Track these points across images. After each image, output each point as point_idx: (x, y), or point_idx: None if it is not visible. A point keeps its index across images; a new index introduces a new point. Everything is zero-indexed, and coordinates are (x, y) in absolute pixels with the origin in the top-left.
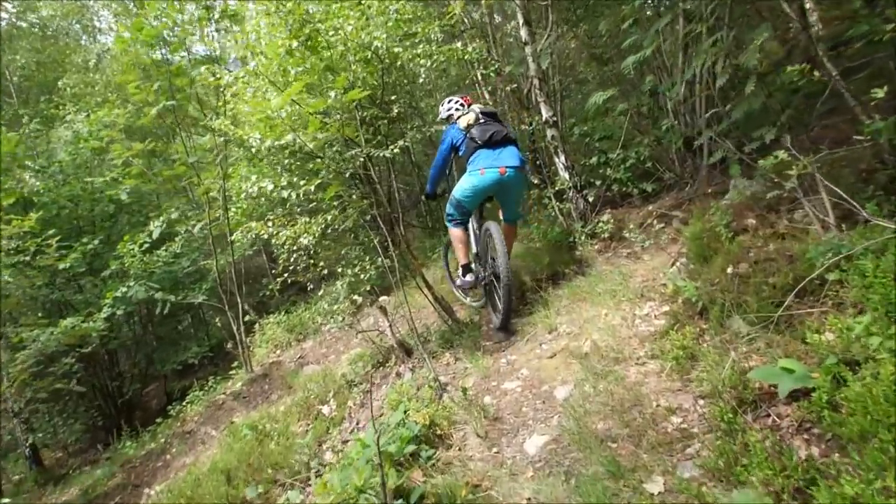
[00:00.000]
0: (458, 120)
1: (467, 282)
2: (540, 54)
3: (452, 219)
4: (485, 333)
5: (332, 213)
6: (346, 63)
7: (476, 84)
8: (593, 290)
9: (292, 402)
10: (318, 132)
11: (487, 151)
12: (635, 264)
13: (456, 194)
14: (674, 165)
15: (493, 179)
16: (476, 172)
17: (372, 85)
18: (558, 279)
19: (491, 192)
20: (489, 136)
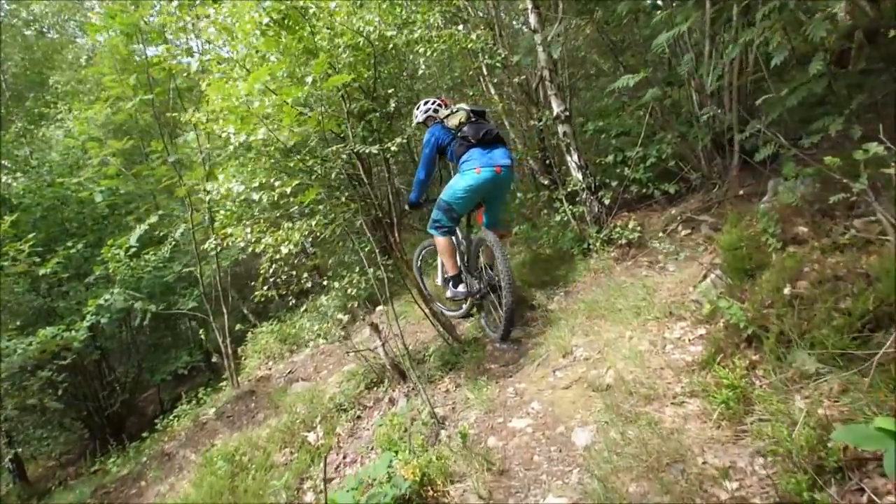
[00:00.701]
0: (446, 119)
1: (459, 293)
2: (551, 43)
3: (440, 226)
4: (489, 354)
5: (318, 218)
6: (331, 47)
7: (480, 77)
8: (613, 305)
9: (277, 425)
10: (295, 125)
11: (480, 150)
12: (659, 276)
13: (445, 197)
14: (700, 164)
15: (488, 179)
16: (471, 172)
17: (362, 74)
18: (572, 291)
19: (484, 192)
20: (483, 135)
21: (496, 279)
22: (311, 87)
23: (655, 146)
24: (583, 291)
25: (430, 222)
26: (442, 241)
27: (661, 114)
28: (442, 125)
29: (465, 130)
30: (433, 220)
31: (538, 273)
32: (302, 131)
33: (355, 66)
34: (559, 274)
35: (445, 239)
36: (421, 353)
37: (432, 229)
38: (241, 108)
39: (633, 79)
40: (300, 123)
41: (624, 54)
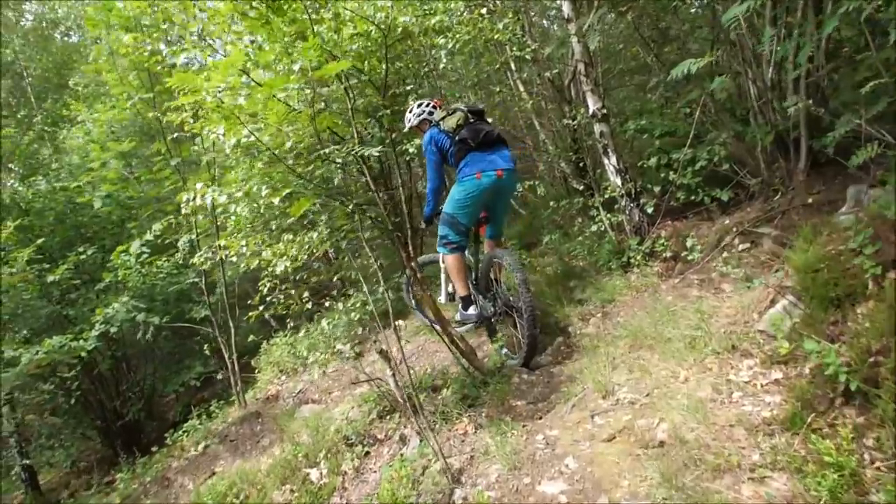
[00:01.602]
0: (443, 121)
1: (470, 316)
2: (586, 33)
3: (448, 242)
4: (515, 387)
5: (318, 231)
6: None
7: (507, 72)
8: (661, 333)
9: (279, 457)
10: (285, 124)
11: (480, 154)
12: (715, 298)
13: (448, 209)
14: (759, 168)
15: (491, 183)
16: (471, 177)
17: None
18: (610, 313)
19: (488, 199)
20: (482, 137)
21: (513, 300)
22: (299, 77)
23: (706, 147)
24: (623, 313)
25: (438, 239)
26: (451, 258)
27: (714, 110)
28: (438, 129)
29: (463, 133)
30: (440, 236)
31: (571, 289)
32: (293, 131)
33: (366, 56)
34: (595, 291)
35: (454, 256)
36: (438, 380)
37: (440, 247)
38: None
39: (696, 63)
40: (291, 121)
41: (671, 45)
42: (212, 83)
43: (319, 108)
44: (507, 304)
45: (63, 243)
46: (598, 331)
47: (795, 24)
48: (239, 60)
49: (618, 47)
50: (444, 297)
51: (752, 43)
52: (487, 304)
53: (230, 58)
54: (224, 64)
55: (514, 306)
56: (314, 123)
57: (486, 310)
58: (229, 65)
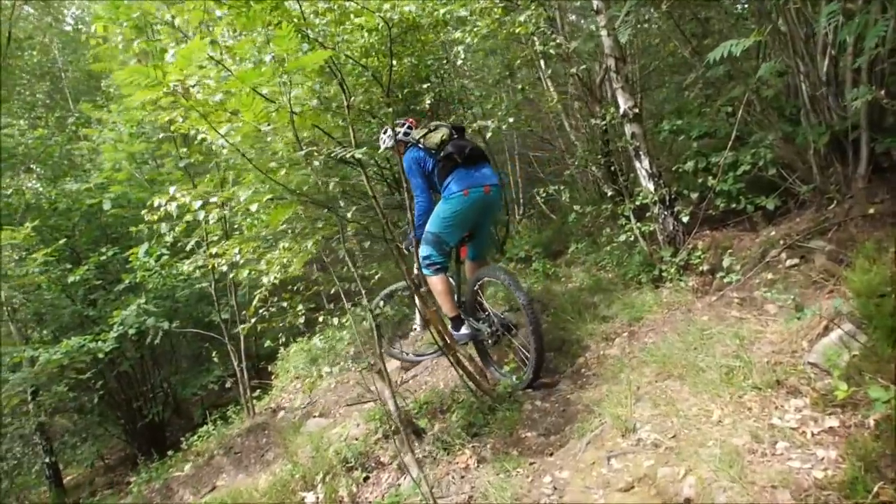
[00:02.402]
0: (424, 139)
1: (462, 336)
2: (618, 27)
3: (431, 263)
4: (526, 415)
5: (316, 238)
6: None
7: (535, 68)
8: (693, 360)
9: (277, 476)
10: (263, 121)
11: (465, 170)
12: (757, 321)
13: (432, 228)
14: (811, 173)
15: (477, 200)
16: (458, 195)
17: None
18: (638, 332)
19: (474, 217)
20: (468, 152)
21: (508, 318)
22: (275, 69)
23: (749, 150)
24: (652, 334)
25: (420, 261)
26: (436, 280)
27: (759, 108)
28: (418, 147)
29: (449, 149)
30: (423, 257)
31: (596, 304)
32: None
33: (371, 51)
34: (622, 307)
35: (439, 278)
36: (446, 401)
37: (424, 269)
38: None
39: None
40: (270, 120)
41: (712, 38)
42: (169, 77)
43: (312, 104)
44: (504, 324)
45: (90, 243)
46: (623, 353)
47: (857, 8)
48: (201, 50)
49: (654, 42)
50: (419, 326)
51: (803, 33)
52: (483, 326)
53: (189, 46)
54: (183, 54)
55: (511, 325)
56: (293, 122)
57: (481, 332)
58: (188, 55)
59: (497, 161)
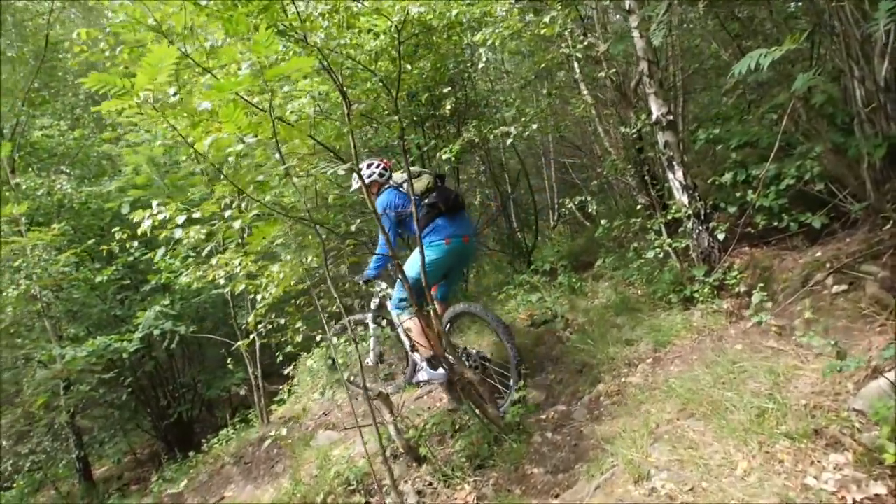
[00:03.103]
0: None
1: (438, 376)
2: (653, 28)
3: (408, 306)
4: (535, 449)
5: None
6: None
7: (568, 71)
8: (720, 398)
9: (280, 494)
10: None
11: (447, 219)
12: (796, 354)
13: (412, 273)
14: (864, 189)
15: (457, 248)
16: (440, 244)
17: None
18: (663, 360)
19: (452, 264)
20: (452, 202)
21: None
22: (250, 76)
23: (795, 162)
24: (678, 361)
25: (395, 302)
26: (411, 322)
27: (807, 117)
28: (397, 191)
29: (433, 197)
30: (398, 299)
31: (621, 324)
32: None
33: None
34: (648, 330)
35: (414, 320)
36: (453, 425)
37: (398, 309)
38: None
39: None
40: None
41: (756, 39)
42: (139, 85)
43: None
44: (482, 358)
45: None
46: (646, 382)
47: None
48: (169, 57)
49: (695, 43)
50: (372, 360)
51: (860, 33)
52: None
53: (157, 52)
54: (149, 61)
55: (487, 359)
56: (275, 134)
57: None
58: (156, 62)
59: (531, 165)
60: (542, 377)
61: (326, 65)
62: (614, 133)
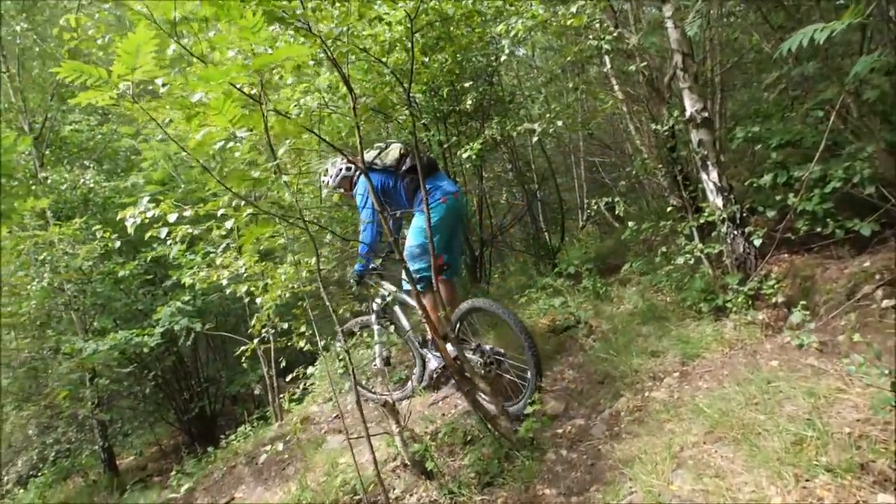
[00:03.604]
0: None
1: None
2: (689, 19)
3: (423, 277)
4: (548, 467)
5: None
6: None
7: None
8: (753, 421)
9: (286, 500)
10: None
11: (432, 181)
12: (839, 376)
13: (419, 241)
14: None
15: (454, 206)
16: (438, 204)
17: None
18: (691, 374)
19: (452, 223)
20: (427, 162)
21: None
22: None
23: (842, 163)
24: (708, 377)
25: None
26: (429, 297)
27: (858, 113)
28: (373, 170)
29: (408, 161)
30: (415, 271)
31: (647, 334)
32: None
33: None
34: (676, 342)
35: (430, 295)
36: (466, 435)
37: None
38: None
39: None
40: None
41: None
42: (116, 75)
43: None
44: (497, 354)
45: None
46: (671, 398)
47: None
48: (147, 43)
49: (735, 34)
50: (379, 362)
51: None
52: (475, 357)
53: (133, 38)
54: (126, 48)
55: (502, 356)
56: (266, 129)
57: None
58: (132, 49)
59: (560, 164)
60: (562, 386)
61: (330, 55)
62: (646, 131)
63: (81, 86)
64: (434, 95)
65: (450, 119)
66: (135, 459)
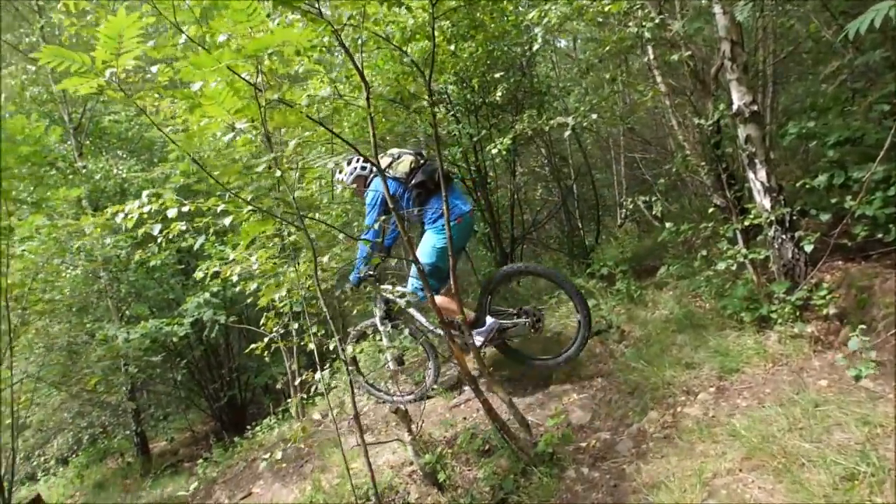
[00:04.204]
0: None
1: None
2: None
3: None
4: (567, 486)
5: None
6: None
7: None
8: (795, 449)
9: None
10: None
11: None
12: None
13: (431, 260)
14: None
15: (468, 226)
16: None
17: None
18: (728, 390)
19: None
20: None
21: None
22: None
23: None
24: (747, 394)
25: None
26: (440, 298)
27: None
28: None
29: (419, 176)
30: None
31: (683, 343)
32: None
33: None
34: (714, 352)
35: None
36: (485, 443)
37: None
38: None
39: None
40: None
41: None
42: (99, 61)
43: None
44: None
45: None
46: (705, 416)
47: None
48: (132, 26)
49: (790, 21)
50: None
51: None
52: (521, 320)
53: (114, 22)
54: (108, 31)
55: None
56: (263, 119)
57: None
58: (114, 33)
59: (600, 159)
60: (589, 394)
61: (341, 40)
62: (689, 126)
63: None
64: (465, 86)
65: (481, 111)
66: (168, 444)
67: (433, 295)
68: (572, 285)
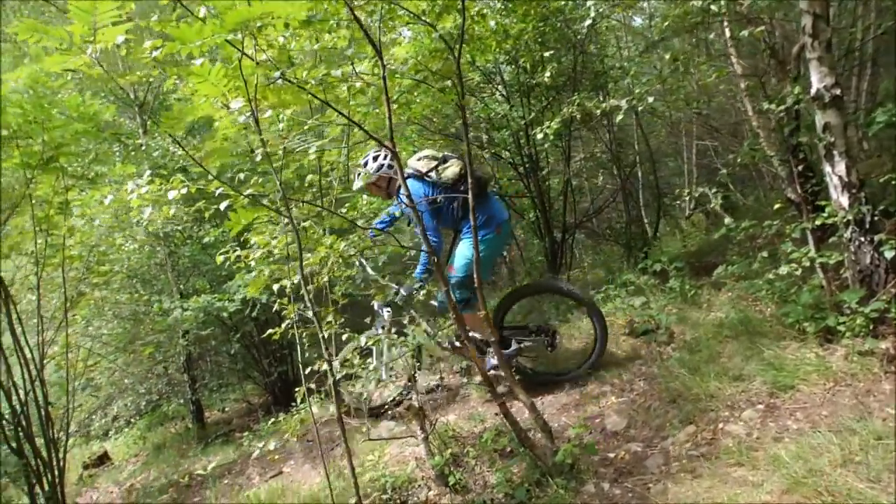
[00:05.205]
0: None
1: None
2: None
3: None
4: (584, 499)
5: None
6: None
7: (704, 30)
8: (849, 488)
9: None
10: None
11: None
12: None
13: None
14: None
15: (505, 236)
16: (492, 235)
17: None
18: (780, 409)
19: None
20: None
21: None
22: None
23: None
24: (800, 415)
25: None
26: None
27: None
28: (423, 180)
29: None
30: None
31: (734, 352)
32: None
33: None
34: (766, 367)
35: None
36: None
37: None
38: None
39: None
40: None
41: None
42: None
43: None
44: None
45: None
46: (749, 436)
47: None
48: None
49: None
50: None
51: None
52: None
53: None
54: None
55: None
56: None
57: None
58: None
59: (669, 145)
60: (629, 399)
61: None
62: (764, 111)
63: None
64: (517, 66)
65: (534, 92)
66: (222, 414)
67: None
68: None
